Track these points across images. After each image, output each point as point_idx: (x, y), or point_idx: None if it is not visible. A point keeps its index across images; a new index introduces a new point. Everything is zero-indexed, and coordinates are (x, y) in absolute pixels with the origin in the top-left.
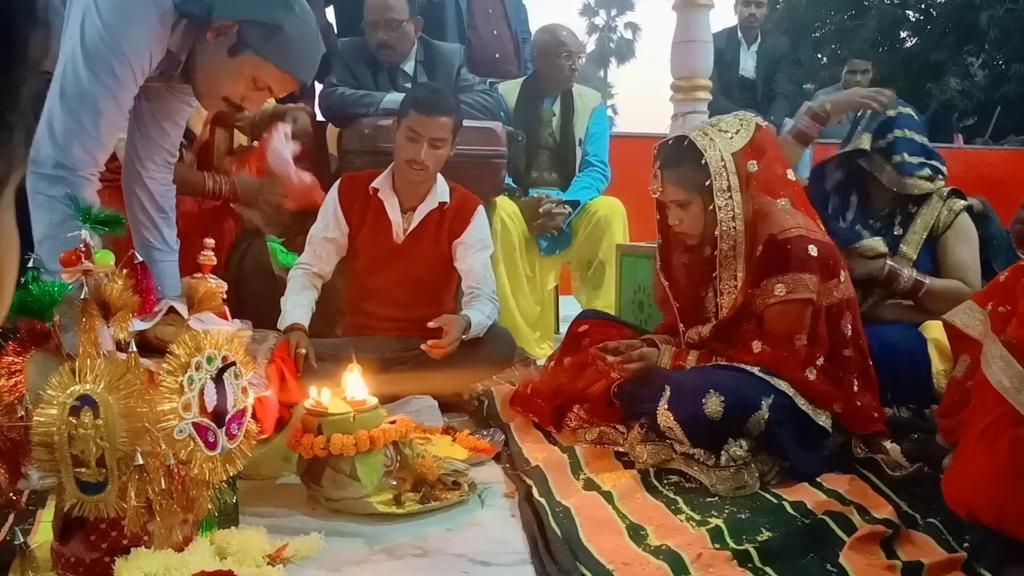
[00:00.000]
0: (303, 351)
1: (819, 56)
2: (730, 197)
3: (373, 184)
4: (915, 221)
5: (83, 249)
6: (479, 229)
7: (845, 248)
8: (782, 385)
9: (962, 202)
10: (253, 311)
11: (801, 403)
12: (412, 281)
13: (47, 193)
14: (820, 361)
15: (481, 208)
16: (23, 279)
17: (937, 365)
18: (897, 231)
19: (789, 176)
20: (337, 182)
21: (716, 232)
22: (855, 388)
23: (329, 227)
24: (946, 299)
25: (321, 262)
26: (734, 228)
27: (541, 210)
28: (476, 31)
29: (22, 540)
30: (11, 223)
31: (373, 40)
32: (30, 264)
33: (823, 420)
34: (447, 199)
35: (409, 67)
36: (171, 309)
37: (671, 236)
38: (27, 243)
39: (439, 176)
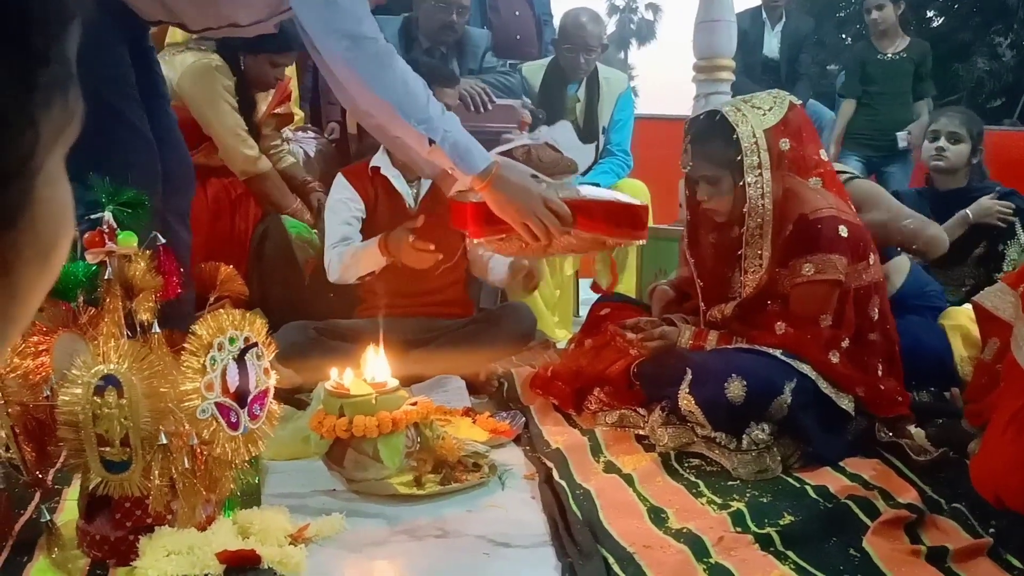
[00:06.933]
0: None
1: (843, 36)
2: (760, 174)
3: (372, 164)
4: None
5: (107, 231)
6: None
7: None
8: (805, 368)
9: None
10: (274, 293)
11: (824, 386)
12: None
13: (384, 65)
14: (845, 344)
15: None
16: None
17: (960, 352)
18: None
19: (822, 156)
20: (336, 179)
21: (744, 209)
22: (879, 372)
23: (350, 208)
24: None
25: (355, 238)
26: (762, 206)
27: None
28: (498, 12)
29: (48, 518)
30: (61, 192)
31: (436, 22)
32: None
33: (846, 404)
34: None
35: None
36: None
37: (700, 213)
38: None
39: None
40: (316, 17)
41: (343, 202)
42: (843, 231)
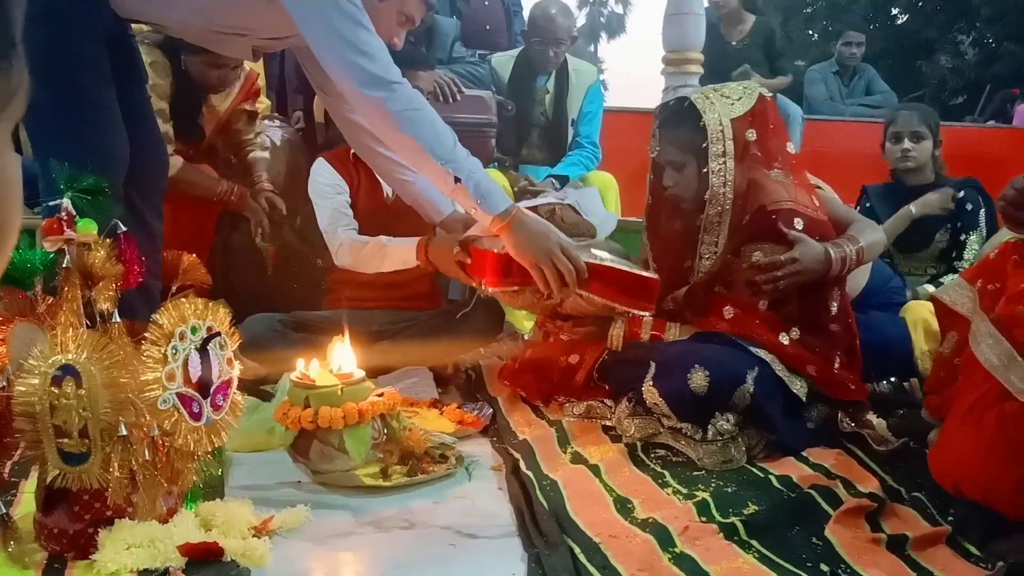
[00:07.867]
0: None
1: (810, 33)
2: (724, 163)
3: (354, 151)
4: None
5: (65, 218)
6: None
7: None
8: (761, 353)
9: None
10: (240, 284)
11: (778, 369)
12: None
13: (415, 107)
14: (795, 333)
15: None
16: None
17: (921, 346)
18: None
19: (789, 150)
20: (318, 164)
21: (706, 196)
22: (837, 364)
23: (338, 191)
24: None
25: (353, 225)
26: (723, 194)
27: (516, 189)
28: (467, 1)
29: (5, 511)
30: (6, 165)
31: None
32: None
33: (797, 387)
34: None
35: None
36: None
37: (662, 199)
38: None
39: None
40: (353, 70)
41: (331, 186)
42: (798, 223)
